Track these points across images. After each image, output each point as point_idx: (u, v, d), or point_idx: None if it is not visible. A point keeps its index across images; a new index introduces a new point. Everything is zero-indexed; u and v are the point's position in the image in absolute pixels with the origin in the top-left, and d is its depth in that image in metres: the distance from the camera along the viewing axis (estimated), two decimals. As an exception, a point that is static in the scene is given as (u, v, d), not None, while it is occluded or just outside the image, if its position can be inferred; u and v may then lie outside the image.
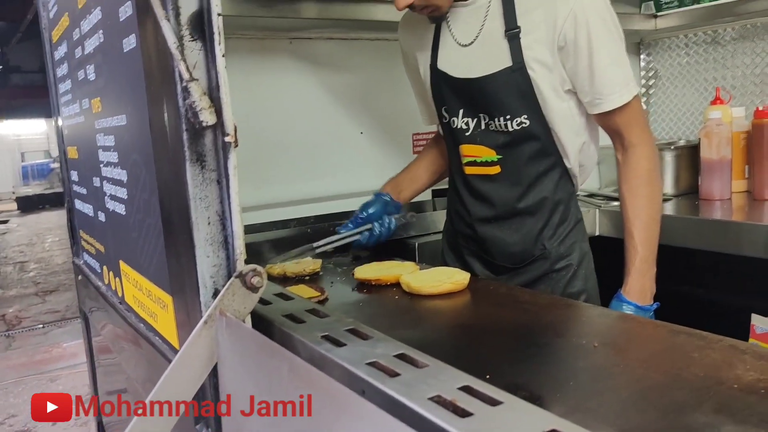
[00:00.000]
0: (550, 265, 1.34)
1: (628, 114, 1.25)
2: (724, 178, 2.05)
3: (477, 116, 1.33)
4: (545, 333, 0.92)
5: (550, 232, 1.34)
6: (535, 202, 1.33)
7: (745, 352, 0.78)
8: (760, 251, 1.66)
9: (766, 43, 2.20)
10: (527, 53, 1.23)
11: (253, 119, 1.82)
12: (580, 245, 1.37)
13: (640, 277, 1.24)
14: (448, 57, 1.35)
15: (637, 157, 1.27)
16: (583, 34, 1.19)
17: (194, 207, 0.65)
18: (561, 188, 1.34)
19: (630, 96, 1.24)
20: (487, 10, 1.27)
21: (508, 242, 1.36)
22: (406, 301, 1.11)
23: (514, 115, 1.27)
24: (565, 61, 1.23)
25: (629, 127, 1.27)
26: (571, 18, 1.19)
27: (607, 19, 1.22)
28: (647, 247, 1.25)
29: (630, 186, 1.28)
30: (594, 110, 1.27)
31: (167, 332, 0.81)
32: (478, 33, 1.29)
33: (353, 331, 0.63)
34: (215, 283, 0.67)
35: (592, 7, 1.19)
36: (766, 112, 1.97)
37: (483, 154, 1.34)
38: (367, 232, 1.47)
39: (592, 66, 1.21)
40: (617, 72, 1.23)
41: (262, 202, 1.83)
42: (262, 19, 1.59)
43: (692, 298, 2.08)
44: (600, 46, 1.20)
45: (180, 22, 0.62)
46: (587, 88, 1.24)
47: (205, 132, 0.64)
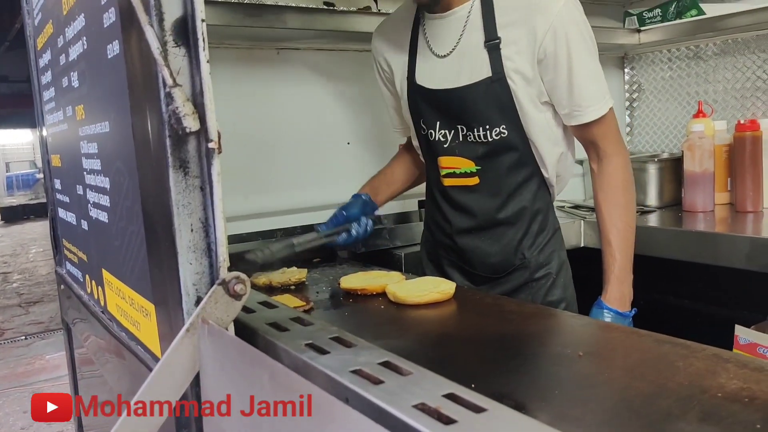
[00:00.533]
0: (529, 275, 1.35)
1: (604, 125, 1.28)
2: (706, 191, 2.08)
3: (454, 128, 1.33)
4: (530, 342, 0.92)
5: (529, 241, 1.35)
6: (514, 212, 1.34)
7: (728, 361, 0.78)
8: (743, 262, 1.68)
9: (746, 58, 2.24)
10: (507, 64, 1.24)
11: (240, 128, 1.81)
12: (559, 254, 1.39)
13: (619, 284, 1.26)
14: (424, 68, 1.36)
15: (612, 167, 1.30)
16: (563, 48, 1.21)
17: (177, 214, 0.64)
18: (539, 198, 1.35)
19: (606, 108, 1.27)
20: (466, 22, 1.28)
21: (488, 252, 1.37)
22: (391, 311, 1.11)
23: (492, 125, 1.28)
24: (544, 74, 1.25)
25: (605, 138, 1.29)
26: (551, 32, 1.20)
27: (584, 33, 1.24)
28: (625, 254, 1.27)
29: (606, 195, 1.30)
30: (572, 122, 1.29)
31: (149, 341, 0.80)
32: (455, 44, 1.30)
33: (337, 339, 0.62)
34: (198, 291, 0.66)
35: (572, 21, 1.22)
36: (748, 126, 2.00)
37: (462, 165, 1.35)
38: (345, 232, 1.47)
39: (571, 79, 1.23)
40: (595, 85, 1.26)
41: (249, 211, 1.82)
42: (249, 29, 1.59)
43: (677, 309, 2.09)
44: (579, 60, 1.22)
45: (164, 27, 0.62)
46: (565, 101, 1.26)
47: (189, 138, 0.64)
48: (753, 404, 0.67)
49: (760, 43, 2.19)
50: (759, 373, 0.74)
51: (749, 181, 2.01)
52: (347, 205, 1.52)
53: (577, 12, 1.23)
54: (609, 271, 1.27)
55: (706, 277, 1.91)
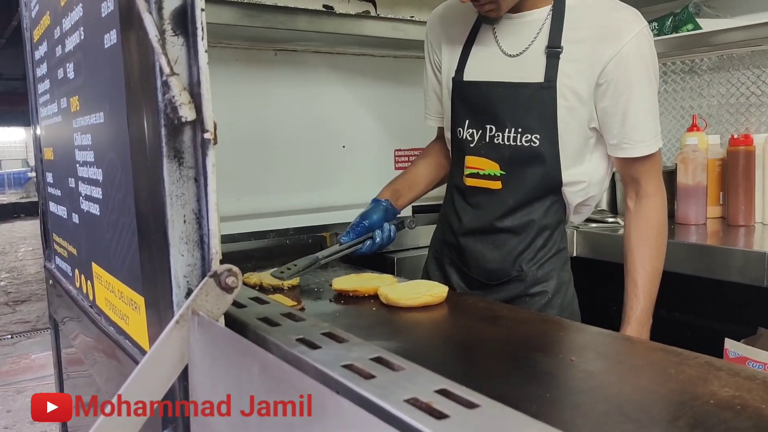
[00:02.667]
0: (524, 288, 1.33)
1: (650, 164, 1.27)
2: (699, 204, 2.08)
3: (482, 127, 1.31)
4: (523, 347, 0.91)
5: (530, 254, 1.32)
6: (521, 223, 1.31)
7: (720, 369, 0.78)
8: (734, 276, 1.68)
9: (741, 74, 2.25)
10: (562, 77, 1.22)
11: (236, 129, 1.81)
12: (559, 274, 1.35)
13: (639, 327, 1.23)
14: (481, 63, 1.33)
15: (651, 207, 1.28)
16: (625, 78, 1.19)
17: (170, 204, 0.63)
18: (551, 214, 1.32)
19: (656, 147, 1.25)
20: (541, 27, 1.26)
21: (487, 258, 1.35)
22: (383, 313, 1.10)
23: (525, 130, 1.26)
24: (600, 100, 1.23)
25: (648, 177, 1.28)
26: (617, 59, 1.18)
27: (650, 67, 1.22)
28: (649, 298, 1.25)
29: (640, 236, 1.28)
30: (619, 153, 1.27)
31: (138, 335, 0.79)
32: (526, 47, 1.27)
33: (329, 334, 0.61)
34: (189, 283, 0.65)
35: (640, 52, 1.19)
36: (741, 141, 2.01)
37: (486, 167, 1.32)
38: (369, 240, 1.45)
39: (626, 110, 1.21)
40: (650, 121, 1.24)
41: (241, 212, 1.82)
42: (248, 29, 1.59)
43: (668, 321, 2.09)
44: (639, 92, 1.21)
45: (162, 16, 0.61)
46: (616, 131, 1.24)
47: (184, 128, 0.63)
48: (745, 412, 0.67)
49: (754, 59, 2.21)
50: (751, 382, 0.74)
51: (742, 195, 2.01)
52: (367, 212, 1.47)
53: (648, 45, 1.21)
54: (630, 312, 1.24)
55: (697, 289, 1.91)
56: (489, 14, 1.27)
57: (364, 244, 1.42)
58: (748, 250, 1.68)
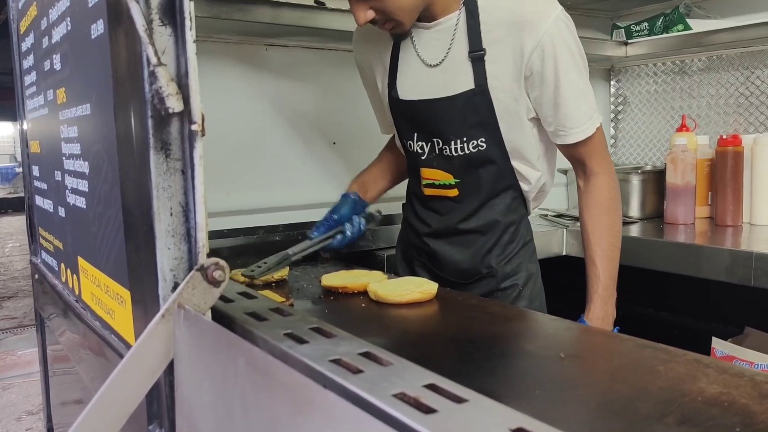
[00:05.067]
0: (496, 284, 1.35)
1: (590, 145, 1.27)
2: (688, 204, 2.10)
3: (430, 141, 1.33)
4: (512, 343, 0.91)
5: (498, 251, 1.35)
6: (486, 223, 1.33)
7: (708, 366, 0.78)
8: (721, 275, 1.69)
9: (730, 75, 2.27)
10: (492, 78, 1.23)
11: (226, 124, 1.79)
12: (527, 266, 1.37)
13: (602, 303, 1.25)
14: (408, 78, 1.35)
15: (598, 185, 1.29)
16: (550, 67, 1.20)
17: (156, 197, 0.63)
18: (513, 210, 1.35)
19: (593, 128, 1.25)
20: (454, 32, 1.26)
21: (456, 258, 1.36)
22: (373, 309, 1.10)
23: (470, 137, 1.27)
24: (531, 91, 1.24)
25: (591, 157, 1.28)
26: (539, 50, 1.19)
27: (574, 51, 1.22)
28: (609, 274, 1.26)
29: (591, 214, 1.29)
30: (557, 140, 1.28)
31: (124, 330, 0.78)
32: (445, 55, 1.28)
33: (317, 329, 0.61)
34: (175, 277, 0.64)
35: (561, 39, 1.20)
36: (730, 141, 2.02)
37: (441, 177, 1.35)
38: (339, 234, 1.45)
39: (557, 98, 1.22)
40: (582, 105, 1.24)
41: (231, 208, 1.80)
42: (238, 23, 1.58)
43: (656, 320, 2.11)
44: (566, 79, 1.21)
45: (150, 5, 0.60)
46: (551, 119, 1.25)
47: (172, 119, 0.62)
48: (732, 408, 0.67)
49: (743, 60, 2.23)
50: (738, 379, 0.74)
51: (730, 195, 2.03)
52: (336, 206, 1.49)
53: (566, 30, 1.21)
54: (592, 290, 1.26)
55: (685, 289, 1.92)
56: (394, 32, 1.28)
57: (335, 239, 1.43)
58: (736, 249, 1.69)
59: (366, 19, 1.22)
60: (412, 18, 1.25)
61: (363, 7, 1.20)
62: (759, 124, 2.20)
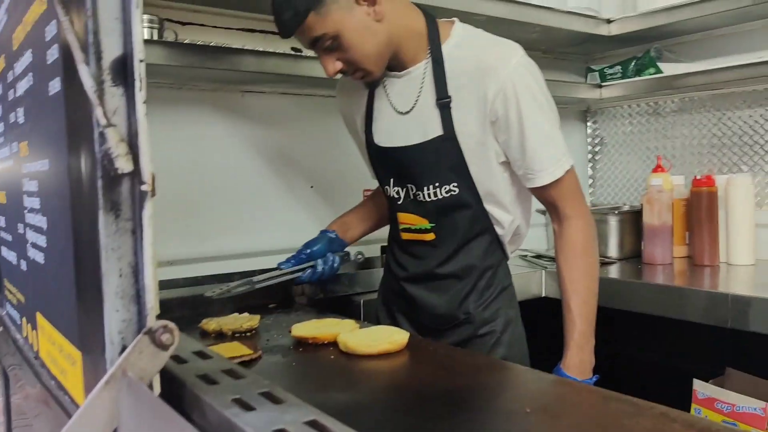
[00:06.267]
0: (474, 330, 1.33)
1: (561, 188, 1.27)
2: (665, 244, 2.11)
3: (405, 186, 1.34)
4: (480, 397, 0.90)
5: (475, 297, 1.34)
6: (462, 267, 1.33)
7: (675, 420, 0.77)
8: (700, 317, 1.69)
9: (703, 116, 2.31)
10: (458, 124, 1.25)
11: (201, 170, 1.79)
12: (506, 312, 1.36)
13: (579, 351, 1.23)
14: (382, 125, 1.36)
15: (572, 229, 1.29)
16: (514, 111, 1.21)
17: (105, 258, 0.61)
18: (490, 255, 1.34)
19: (562, 171, 1.25)
20: (422, 81, 1.29)
21: (434, 304, 1.35)
22: (341, 361, 1.08)
23: (443, 182, 1.28)
24: (498, 135, 1.25)
25: (563, 200, 1.28)
26: (501, 95, 1.20)
27: (537, 95, 1.23)
28: (585, 320, 1.25)
29: (566, 258, 1.29)
30: (527, 184, 1.29)
31: (75, 391, 0.76)
32: (414, 102, 1.30)
33: (266, 394, 0.59)
34: (123, 340, 0.63)
35: (522, 84, 1.21)
36: (704, 182, 2.05)
37: (417, 222, 1.35)
38: (310, 269, 1.43)
39: (523, 142, 1.23)
40: (548, 148, 1.24)
41: (206, 254, 1.79)
42: (213, 71, 1.59)
43: (637, 362, 2.09)
44: (530, 122, 1.21)
45: (101, 66, 0.60)
46: (520, 163, 1.26)
47: (122, 180, 0.62)
48: (697, 467, 0.66)
49: (715, 101, 2.27)
50: (705, 434, 0.73)
51: (706, 235, 2.04)
52: (311, 241, 1.49)
53: (528, 74, 1.23)
54: (569, 336, 1.25)
55: (666, 330, 1.92)
56: (365, 80, 1.30)
57: (304, 272, 1.42)
58: (713, 291, 1.69)
59: (335, 70, 1.24)
60: (380, 66, 1.27)
61: (331, 59, 1.23)
62: (732, 164, 2.23)
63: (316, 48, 1.23)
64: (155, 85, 1.71)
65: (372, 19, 1.21)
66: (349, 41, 1.20)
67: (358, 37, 1.20)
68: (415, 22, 1.28)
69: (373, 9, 1.21)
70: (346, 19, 1.19)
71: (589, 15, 2.18)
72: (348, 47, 1.21)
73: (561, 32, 2.14)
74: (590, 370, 1.26)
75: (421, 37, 1.28)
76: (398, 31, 1.25)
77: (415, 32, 1.28)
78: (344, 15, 1.18)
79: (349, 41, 1.20)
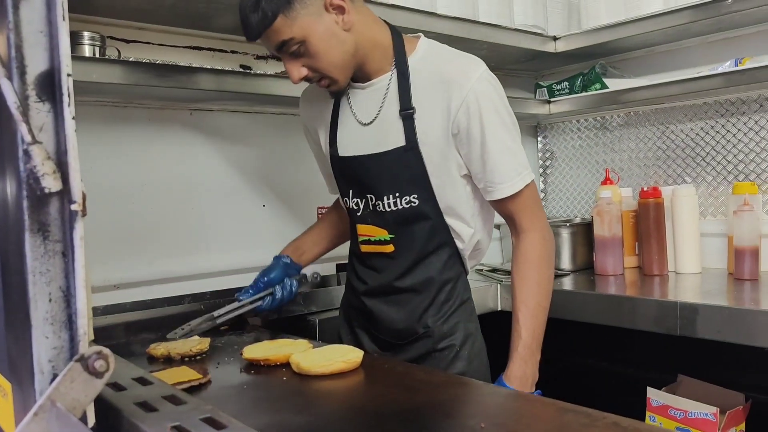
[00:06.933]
0: (432, 344, 1.32)
1: (520, 201, 1.28)
2: (616, 255, 2.15)
3: (365, 197, 1.33)
4: (436, 414, 0.88)
5: (434, 310, 1.33)
6: (420, 281, 1.32)
7: (626, 429, 0.77)
8: (650, 325, 1.72)
9: (648, 130, 2.38)
10: (421, 135, 1.25)
11: (149, 189, 1.74)
12: (465, 325, 1.35)
13: (522, 363, 1.23)
14: (346, 136, 1.36)
15: (528, 242, 1.29)
16: (476, 124, 1.22)
17: (33, 282, 0.58)
18: (449, 268, 1.34)
19: (522, 184, 1.26)
20: (386, 92, 1.29)
21: (393, 318, 1.34)
22: (294, 383, 1.05)
23: (403, 193, 1.28)
24: (460, 148, 1.26)
25: (521, 213, 1.29)
26: (464, 107, 1.21)
27: (499, 108, 1.25)
28: (531, 333, 1.25)
29: (520, 270, 1.29)
30: (487, 197, 1.30)
31: (6, 424, 0.71)
32: (377, 114, 1.30)
33: (209, 420, 0.57)
34: (55, 368, 0.59)
35: (485, 97, 1.23)
36: (650, 193, 2.10)
37: (376, 233, 1.34)
38: (269, 297, 1.42)
39: (484, 155, 1.24)
40: (509, 161, 1.25)
41: (154, 276, 1.73)
42: (160, 89, 1.55)
43: (593, 372, 2.11)
44: (492, 135, 1.23)
45: (25, 81, 0.57)
46: (480, 175, 1.27)
47: (50, 199, 0.58)
48: (649, 476, 0.66)
49: (659, 116, 2.34)
50: (656, 442, 0.73)
51: (654, 245, 2.09)
52: (267, 269, 1.48)
53: (491, 88, 1.25)
54: (513, 348, 1.25)
55: (619, 339, 1.94)
56: (330, 89, 1.30)
57: (264, 301, 1.41)
58: (662, 300, 1.73)
59: (300, 76, 1.23)
60: (346, 75, 1.27)
61: (296, 65, 1.22)
62: (677, 176, 2.30)
63: (282, 53, 1.22)
64: (99, 104, 1.66)
65: (340, 27, 1.21)
66: (316, 47, 1.20)
67: (325, 45, 1.20)
68: (381, 35, 1.29)
69: (342, 18, 1.21)
70: (315, 26, 1.18)
71: (536, 32, 2.23)
72: (314, 53, 1.20)
73: (509, 49, 2.17)
74: (532, 384, 1.26)
75: (387, 50, 1.29)
76: (365, 42, 1.25)
77: (381, 44, 1.28)
78: (313, 21, 1.18)
79: (316, 48, 1.20)
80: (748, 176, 2.12)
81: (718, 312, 1.58)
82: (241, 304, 1.44)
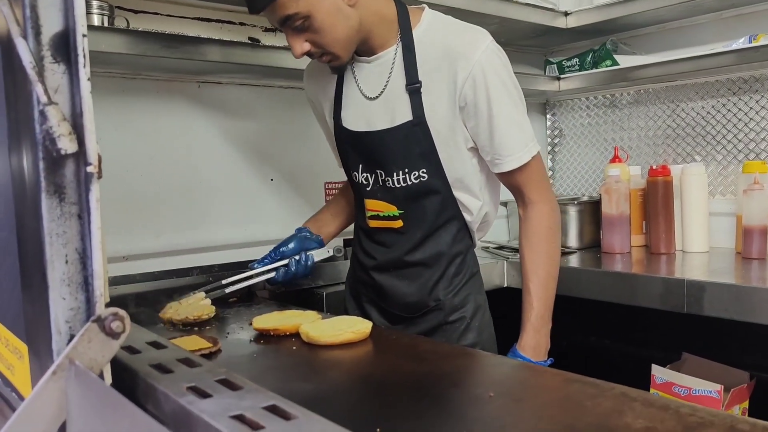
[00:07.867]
0: (444, 317, 1.33)
1: (527, 173, 1.28)
2: (623, 233, 2.15)
3: (374, 172, 1.32)
4: (442, 383, 0.89)
5: (445, 284, 1.33)
6: (431, 255, 1.32)
7: (635, 400, 0.77)
8: (656, 303, 1.72)
9: (658, 108, 2.36)
10: (429, 109, 1.24)
11: (157, 162, 1.74)
12: (475, 297, 1.36)
13: (535, 333, 1.25)
14: (351, 110, 1.35)
15: (537, 214, 1.30)
16: (483, 96, 1.21)
17: (49, 244, 0.58)
18: (459, 241, 1.34)
19: (529, 156, 1.26)
20: (392, 66, 1.28)
21: (404, 292, 1.34)
22: (303, 352, 1.06)
23: (412, 168, 1.27)
24: (467, 121, 1.25)
25: (529, 186, 1.29)
26: (470, 80, 1.21)
27: (506, 80, 1.24)
28: (543, 303, 1.26)
29: (529, 242, 1.29)
30: (494, 169, 1.29)
31: (23, 387, 0.72)
32: (383, 88, 1.29)
33: (224, 381, 0.57)
34: (72, 329, 0.60)
35: (492, 69, 1.22)
36: (659, 171, 2.09)
37: (385, 209, 1.33)
38: (283, 268, 1.42)
39: (491, 127, 1.23)
40: (516, 133, 1.25)
41: (162, 249, 1.74)
42: (168, 60, 1.54)
43: (598, 349, 2.13)
44: (499, 108, 1.22)
45: (40, 41, 0.57)
46: (488, 148, 1.27)
47: (65, 161, 0.59)
48: (657, 443, 0.66)
49: (669, 93, 2.32)
50: (664, 412, 0.74)
51: (662, 224, 2.09)
52: (284, 241, 1.47)
53: (497, 59, 1.24)
54: (525, 319, 1.26)
55: (624, 317, 1.95)
56: (332, 64, 1.29)
57: (278, 272, 1.40)
58: (668, 277, 1.73)
59: (302, 51, 1.22)
60: (349, 50, 1.26)
61: (299, 40, 1.21)
62: (686, 154, 2.28)
63: (285, 27, 1.21)
64: (107, 75, 1.65)
65: (345, 3, 1.19)
66: (320, 23, 1.18)
67: (330, 20, 1.19)
68: (386, 8, 1.27)
69: None
70: (320, 1, 1.17)
71: (547, 7, 2.20)
72: (319, 29, 1.19)
73: (519, 24, 2.15)
74: (545, 353, 1.27)
75: (392, 23, 1.27)
76: (370, 17, 1.24)
77: (386, 18, 1.27)
78: None
79: (321, 23, 1.18)
80: (759, 155, 2.10)
81: (726, 290, 1.58)
82: (251, 273, 1.43)
